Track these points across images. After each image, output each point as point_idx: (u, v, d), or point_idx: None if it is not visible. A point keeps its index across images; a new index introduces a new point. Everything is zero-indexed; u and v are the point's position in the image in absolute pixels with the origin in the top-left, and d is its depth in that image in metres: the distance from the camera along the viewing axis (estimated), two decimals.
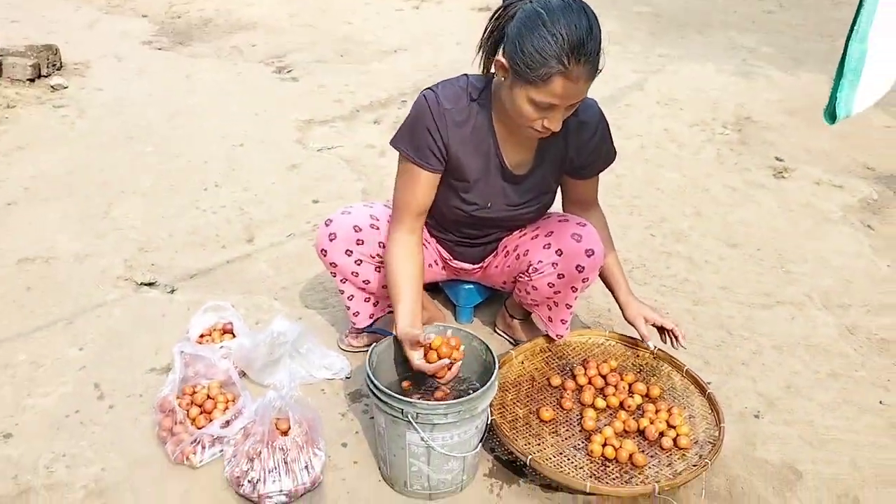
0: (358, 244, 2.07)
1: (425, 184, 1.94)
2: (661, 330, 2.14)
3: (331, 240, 2.06)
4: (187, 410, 1.96)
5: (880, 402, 2.27)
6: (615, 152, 2.10)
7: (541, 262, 2.04)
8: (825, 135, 4.28)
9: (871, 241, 3.19)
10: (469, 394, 1.75)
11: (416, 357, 1.80)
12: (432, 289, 2.61)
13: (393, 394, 1.69)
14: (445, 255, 2.25)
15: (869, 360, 2.45)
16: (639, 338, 2.17)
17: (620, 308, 2.18)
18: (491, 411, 1.89)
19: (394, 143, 1.96)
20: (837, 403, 2.26)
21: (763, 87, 5.03)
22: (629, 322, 2.17)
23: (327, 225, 2.08)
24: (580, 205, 2.18)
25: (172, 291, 2.63)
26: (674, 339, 2.11)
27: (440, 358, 1.78)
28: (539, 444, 1.90)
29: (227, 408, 2.00)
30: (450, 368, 1.81)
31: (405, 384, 1.95)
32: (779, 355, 2.45)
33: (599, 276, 2.18)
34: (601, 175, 2.15)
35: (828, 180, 3.73)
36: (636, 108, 4.57)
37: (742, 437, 2.09)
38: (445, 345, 1.79)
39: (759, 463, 2.01)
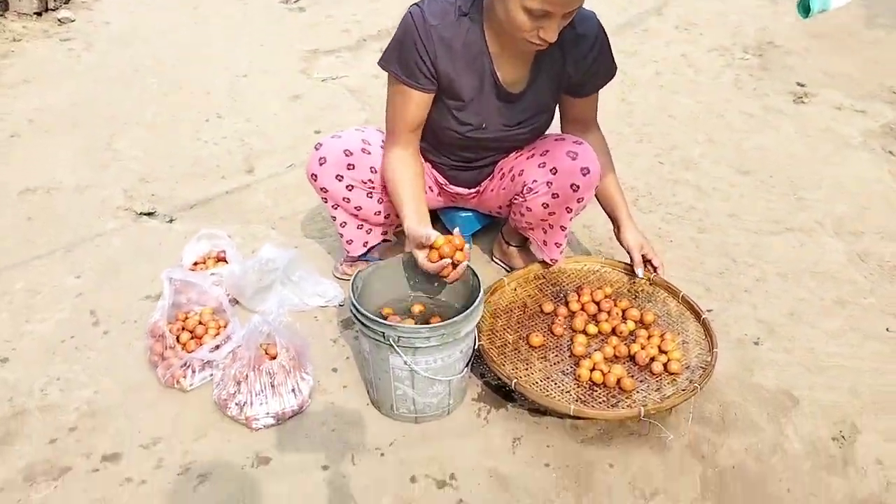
0: (349, 169, 2.02)
1: (418, 104, 1.88)
2: (646, 262, 2.14)
3: (321, 164, 2.02)
4: (177, 336, 1.97)
5: (887, 330, 2.20)
6: (615, 67, 2.01)
7: (535, 181, 1.98)
8: (851, 59, 4.10)
9: (892, 167, 3.07)
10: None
11: (421, 256, 1.78)
12: (431, 219, 2.58)
13: (374, 317, 1.67)
14: (441, 180, 2.20)
15: (879, 287, 2.37)
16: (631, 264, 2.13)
17: (617, 230, 2.14)
18: (479, 336, 1.87)
19: (382, 63, 1.90)
20: (842, 331, 2.19)
21: (788, 9, 4.80)
22: (624, 247, 2.13)
23: (317, 149, 2.03)
24: (578, 125, 2.10)
25: (171, 221, 2.63)
26: (652, 269, 2.14)
27: (442, 258, 1.75)
28: (527, 369, 1.88)
29: (218, 333, 2.00)
30: (454, 268, 1.77)
31: (385, 310, 1.93)
32: (784, 282, 2.38)
33: (598, 199, 2.12)
34: (611, 103, 2.08)
35: (849, 105, 3.58)
36: (653, 34, 4.40)
37: (739, 363, 2.05)
38: (448, 244, 1.75)
39: (754, 388, 1.97)
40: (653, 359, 1.89)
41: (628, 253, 2.13)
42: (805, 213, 2.74)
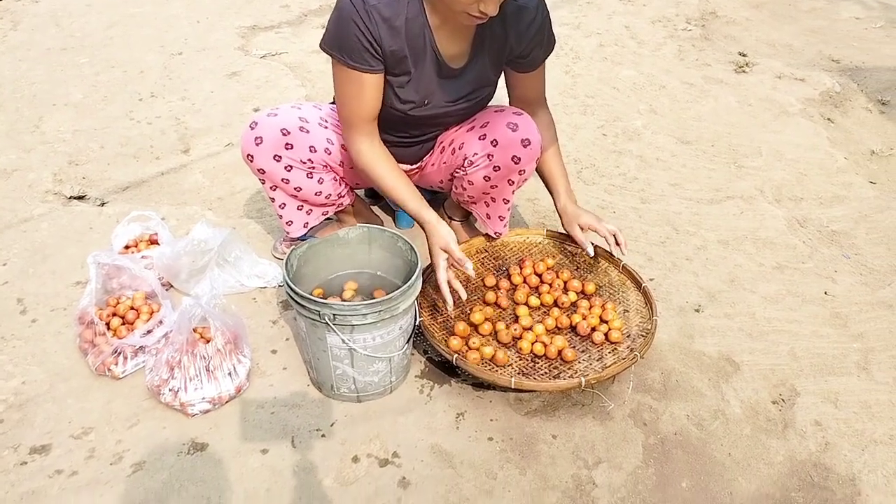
0: (287, 149, 1.95)
1: (371, 87, 1.79)
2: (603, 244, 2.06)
3: (257, 144, 1.94)
4: (108, 322, 1.90)
5: (825, 293, 2.23)
6: (555, 39, 1.97)
7: (476, 154, 1.95)
8: (791, 28, 4.15)
9: (830, 134, 3.12)
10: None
11: (442, 275, 1.82)
12: (371, 195, 2.53)
13: (309, 296, 1.63)
14: None
15: (817, 252, 2.41)
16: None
17: (559, 214, 2.10)
18: (420, 312, 1.84)
19: (325, 48, 1.79)
20: (781, 295, 2.22)
21: None
22: (566, 230, 2.09)
23: (252, 128, 1.94)
24: (526, 103, 2.03)
25: (102, 204, 2.53)
26: (616, 245, 2.00)
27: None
28: (468, 344, 1.85)
29: (150, 318, 1.93)
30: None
31: (316, 291, 1.89)
32: (724, 250, 2.40)
33: (542, 180, 2.08)
34: (556, 75, 2.03)
35: (790, 74, 3.62)
36: (597, 6, 4.38)
37: (680, 331, 2.06)
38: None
39: (695, 356, 1.98)
40: (594, 329, 1.89)
41: (571, 236, 2.07)
42: (745, 182, 2.76)
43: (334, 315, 1.62)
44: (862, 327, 2.10)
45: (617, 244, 2.00)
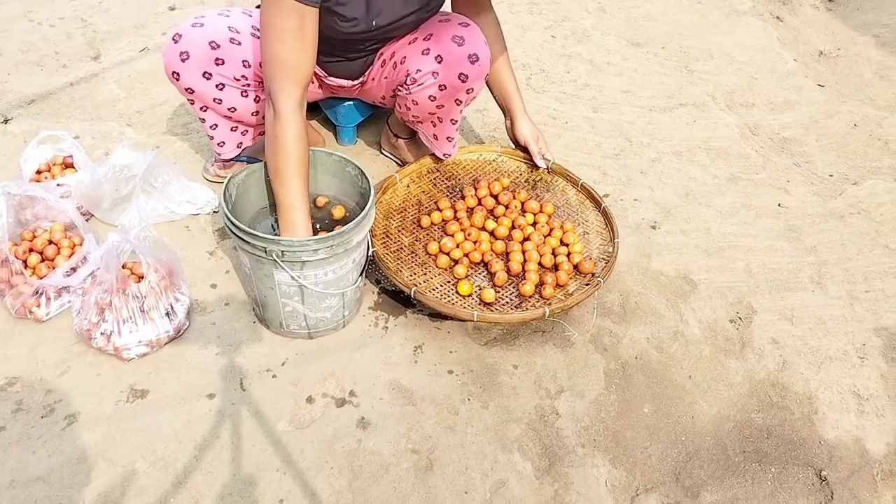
0: (217, 64, 1.72)
1: (311, 25, 1.54)
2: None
3: (183, 60, 1.70)
4: (25, 259, 1.72)
5: (779, 205, 2.21)
6: None
7: (419, 70, 1.77)
8: None
9: (779, 34, 3.04)
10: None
11: None
12: (310, 108, 2.33)
13: (254, 231, 1.48)
14: (320, 72, 1.94)
15: (770, 162, 2.37)
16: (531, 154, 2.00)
17: (511, 123, 1.99)
18: (372, 241, 1.72)
19: None
20: (735, 208, 2.19)
21: None
22: (518, 141, 1.99)
23: (176, 41, 1.70)
24: (471, 7, 1.88)
25: (6, 121, 2.26)
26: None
27: None
28: (425, 274, 1.76)
29: (72, 254, 1.76)
30: None
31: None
32: (678, 161, 2.33)
33: (490, 89, 1.95)
34: None
35: None
36: None
37: (637, 249, 2.01)
38: None
39: (653, 275, 1.94)
40: (554, 252, 1.81)
41: (524, 146, 2.00)
42: (697, 87, 2.68)
43: (283, 252, 1.48)
44: (815, 240, 2.10)
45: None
